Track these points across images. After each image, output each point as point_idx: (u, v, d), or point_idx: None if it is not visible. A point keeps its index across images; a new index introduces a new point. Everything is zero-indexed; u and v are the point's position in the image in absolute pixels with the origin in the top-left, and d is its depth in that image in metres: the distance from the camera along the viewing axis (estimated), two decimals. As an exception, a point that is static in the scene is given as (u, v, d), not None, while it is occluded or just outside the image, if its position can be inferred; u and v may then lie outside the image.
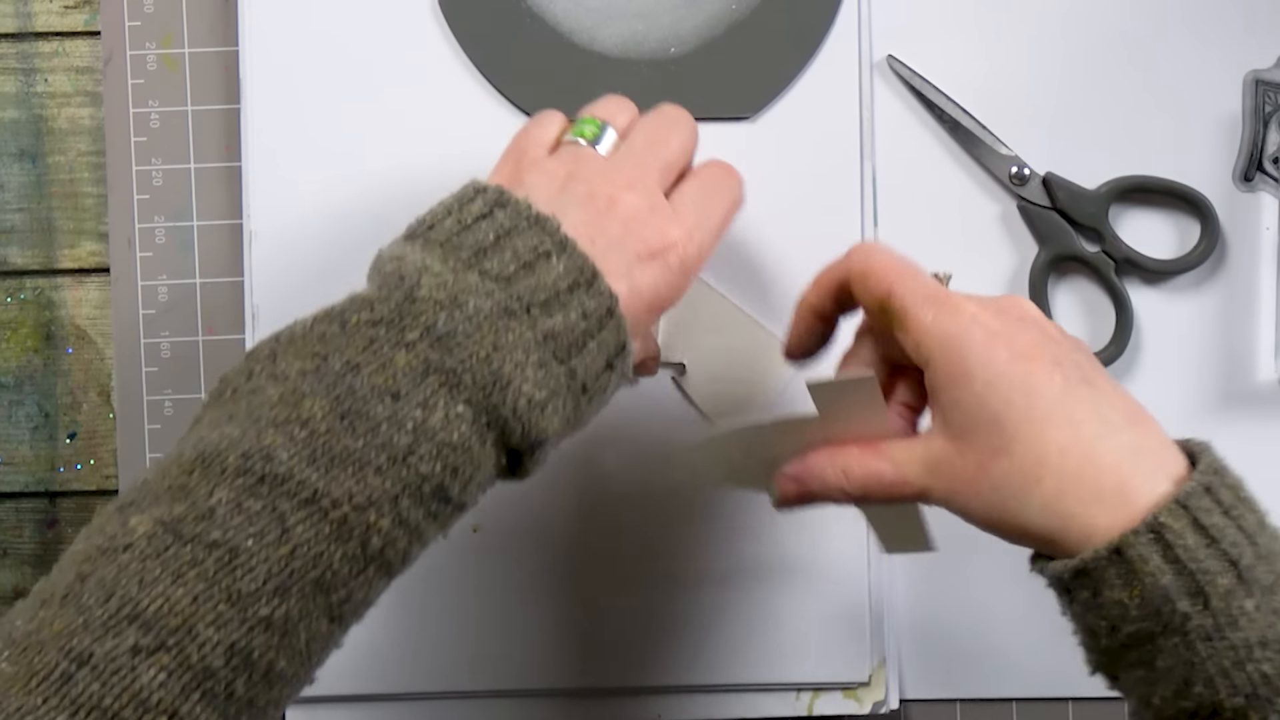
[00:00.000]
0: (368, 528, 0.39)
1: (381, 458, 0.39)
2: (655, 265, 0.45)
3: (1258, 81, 0.59)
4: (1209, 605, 0.41)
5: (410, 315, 0.41)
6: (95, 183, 0.61)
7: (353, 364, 0.40)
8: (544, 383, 0.41)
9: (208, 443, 0.39)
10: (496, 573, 0.58)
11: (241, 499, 0.38)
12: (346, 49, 0.59)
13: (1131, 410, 0.45)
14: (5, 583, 0.61)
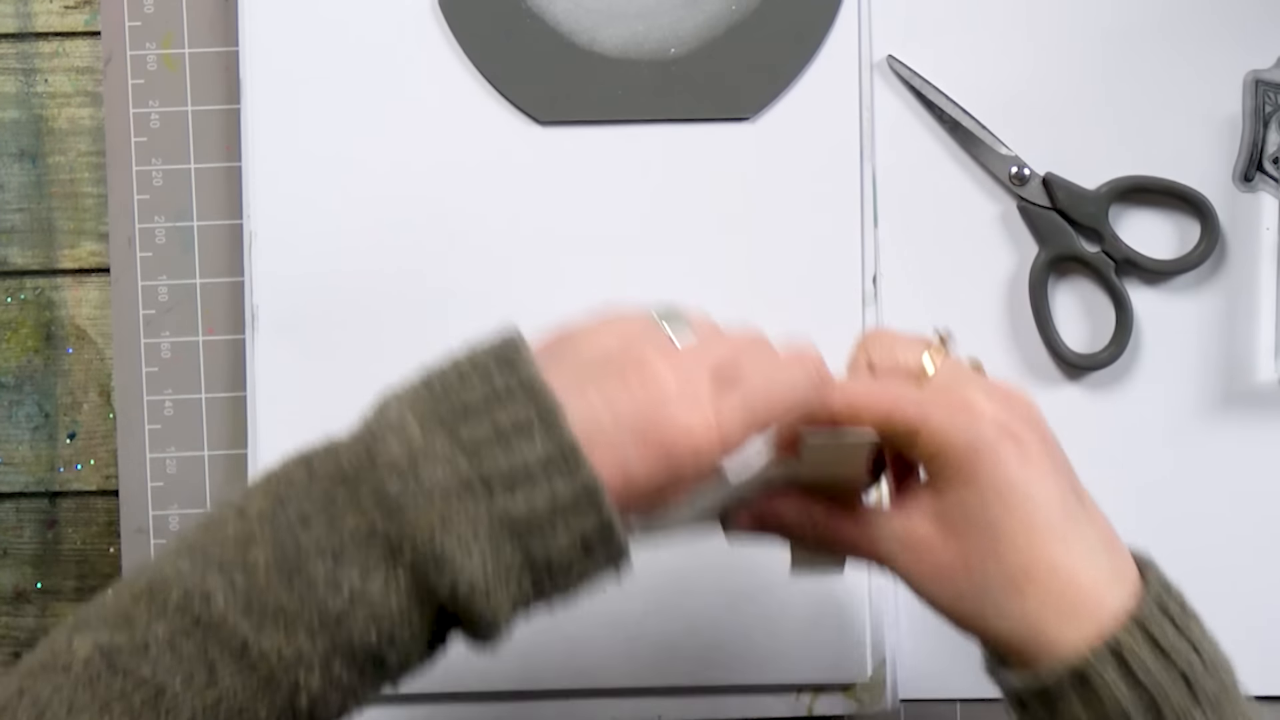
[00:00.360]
0: (296, 685, 0.38)
1: (314, 618, 0.38)
2: (659, 453, 0.41)
3: (1258, 81, 0.59)
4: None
5: (368, 477, 0.39)
6: (95, 183, 0.61)
7: (305, 517, 0.39)
8: (491, 565, 0.39)
9: (160, 572, 0.39)
10: (496, 573, 0.58)
11: (176, 638, 0.37)
12: (346, 49, 0.59)
13: (1107, 530, 0.46)
14: (5, 583, 0.61)
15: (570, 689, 0.59)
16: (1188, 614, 0.44)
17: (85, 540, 0.61)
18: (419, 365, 0.43)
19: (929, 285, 0.59)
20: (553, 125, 0.59)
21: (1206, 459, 0.59)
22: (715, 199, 0.59)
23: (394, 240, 0.59)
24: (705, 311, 0.45)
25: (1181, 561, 0.59)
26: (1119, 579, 0.44)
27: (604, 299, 0.59)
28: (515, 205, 0.59)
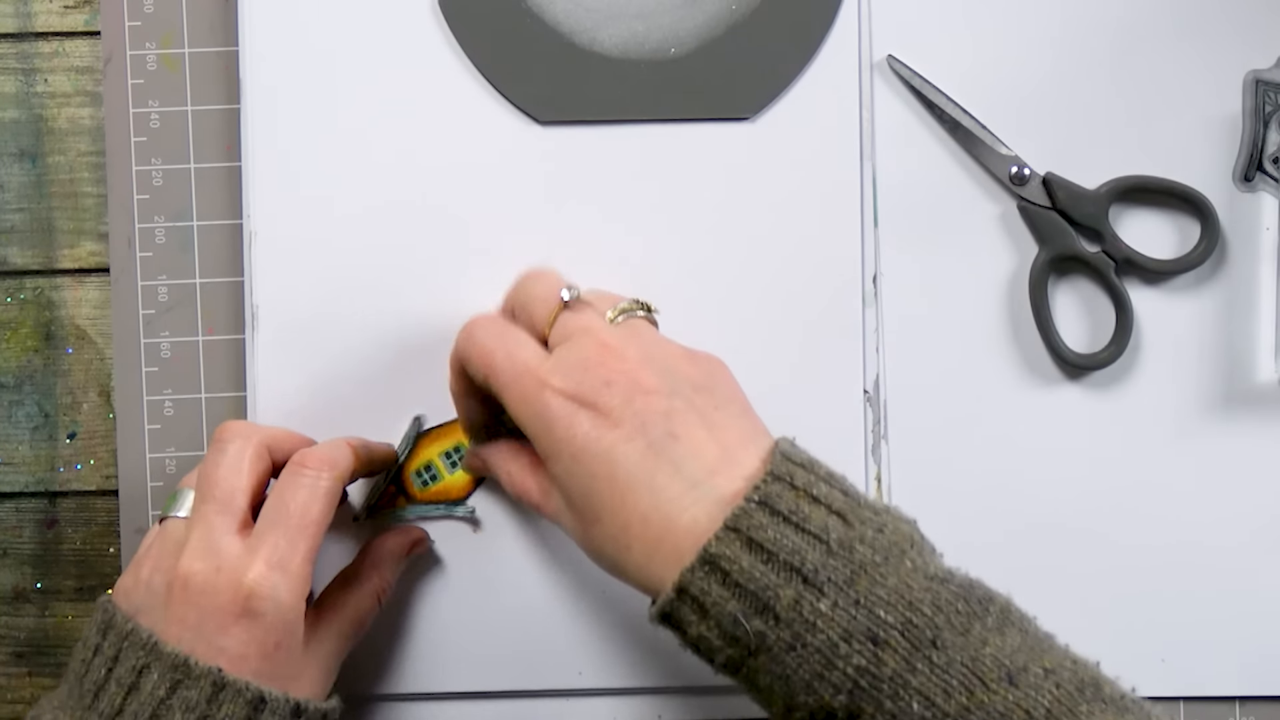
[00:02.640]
0: None
1: None
2: (244, 622, 0.47)
3: (1258, 81, 0.59)
4: (780, 618, 0.42)
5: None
6: (95, 183, 0.61)
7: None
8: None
9: None
10: (496, 573, 0.58)
11: None
12: (346, 48, 0.59)
13: (721, 448, 0.46)
14: (5, 583, 0.61)
15: (570, 689, 0.59)
16: (812, 498, 0.44)
17: (85, 540, 0.61)
18: (418, 362, 0.44)
19: (929, 285, 0.59)
20: (553, 125, 0.59)
21: (1206, 459, 0.59)
22: (715, 199, 0.59)
23: (394, 240, 0.59)
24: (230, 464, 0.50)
25: (1181, 561, 0.59)
26: (725, 502, 0.44)
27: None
28: (515, 205, 0.59)
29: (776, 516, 0.43)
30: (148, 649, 0.47)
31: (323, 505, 0.50)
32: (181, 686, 0.46)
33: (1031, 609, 0.54)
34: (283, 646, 0.48)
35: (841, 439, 0.58)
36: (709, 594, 0.42)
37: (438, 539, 0.58)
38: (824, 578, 0.42)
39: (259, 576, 0.48)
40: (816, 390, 0.58)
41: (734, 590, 0.42)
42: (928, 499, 0.59)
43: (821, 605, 0.41)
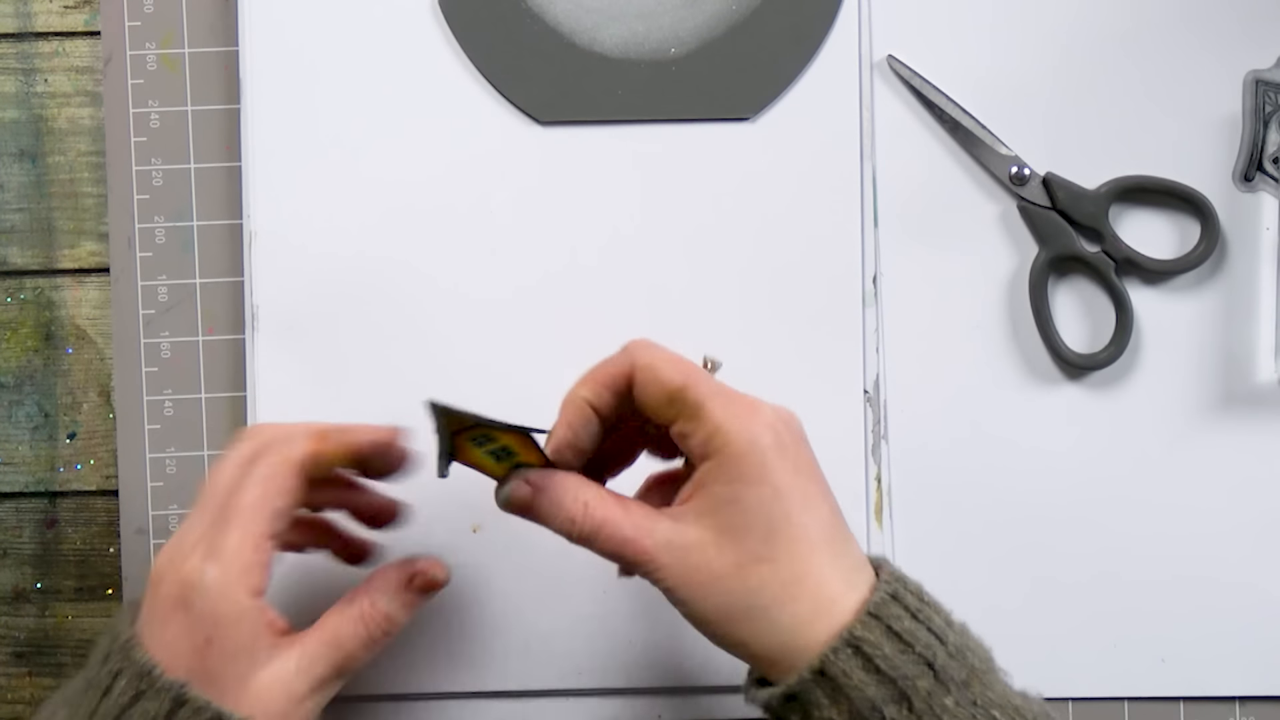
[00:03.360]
0: None
1: None
2: (179, 614, 0.45)
3: (1258, 81, 0.59)
4: (913, 708, 0.43)
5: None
6: (95, 183, 0.61)
7: None
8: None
9: None
10: (496, 573, 0.58)
11: None
12: (346, 49, 0.59)
13: (849, 535, 0.47)
14: (5, 583, 0.61)
15: (570, 689, 0.59)
16: (925, 603, 0.45)
17: (85, 540, 0.61)
18: (418, 362, 0.43)
19: (929, 285, 0.59)
20: (553, 125, 0.59)
21: (1206, 459, 0.59)
22: (715, 199, 0.59)
23: (394, 240, 0.59)
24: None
25: (1181, 560, 0.59)
26: (856, 580, 0.45)
27: (605, 297, 0.59)
28: (515, 205, 0.59)
29: (906, 612, 0.44)
30: (123, 654, 0.46)
31: (258, 491, 0.47)
32: (144, 698, 0.44)
33: (1032, 608, 0.54)
34: (214, 643, 0.45)
35: (841, 439, 0.58)
36: (850, 677, 0.43)
37: (438, 541, 0.58)
38: (948, 675, 0.43)
39: (192, 566, 0.45)
40: (816, 390, 0.58)
41: (876, 678, 0.43)
42: (928, 499, 0.59)
43: (947, 701, 0.43)
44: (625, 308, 0.59)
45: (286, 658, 0.46)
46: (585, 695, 0.59)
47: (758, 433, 0.45)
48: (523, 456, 0.48)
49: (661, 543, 0.45)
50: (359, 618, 0.48)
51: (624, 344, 0.48)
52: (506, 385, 0.58)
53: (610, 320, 0.59)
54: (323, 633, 0.48)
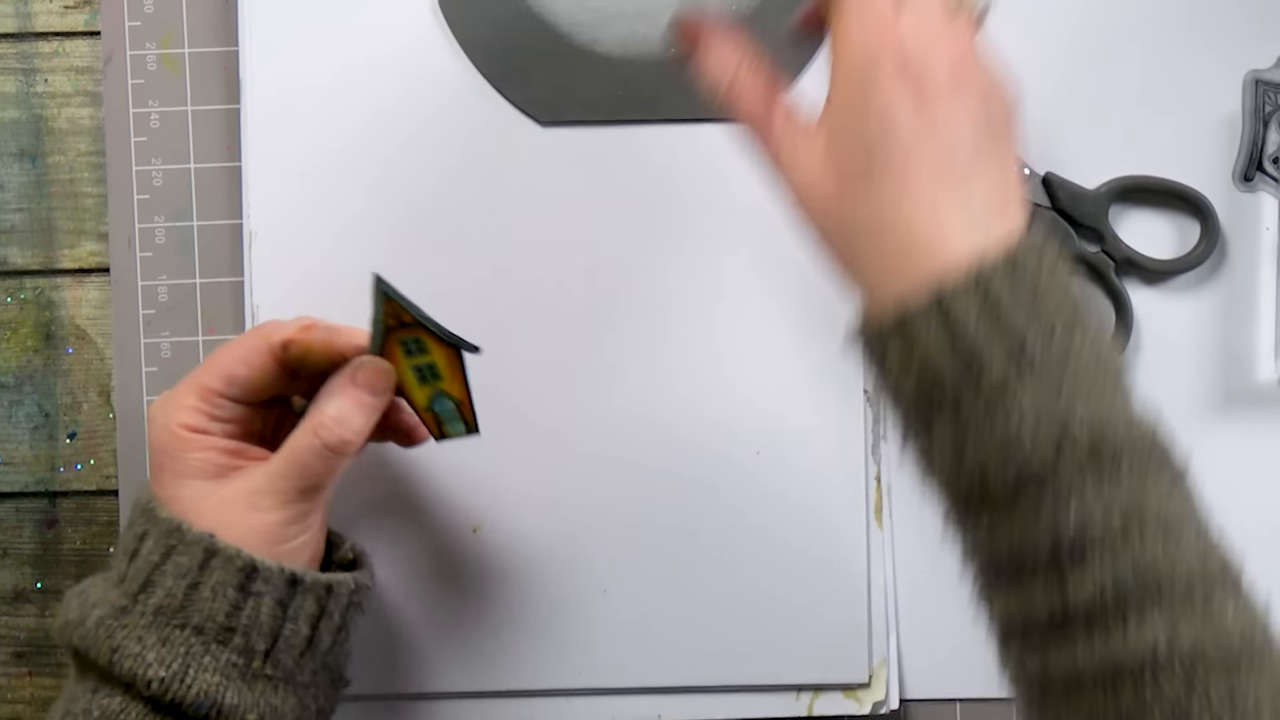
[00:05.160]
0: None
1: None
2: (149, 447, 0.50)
3: (1258, 81, 0.59)
4: (982, 384, 0.40)
5: (64, 646, 0.48)
6: (95, 183, 0.61)
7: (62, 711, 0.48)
8: (171, 656, 0.46)
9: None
10: (496, 573, 0.58)
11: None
12: (346, 49, 0.59)
13: (1002, 199, 0.43)
14: (5, 583, 0.61)
15: (570, 689, 0.59)
16: (1052, 286, 0.41)
17: (85, 540, 0.61)
18: None
19: (929, 285, 0.59)
20: (553, 126, 0.59)
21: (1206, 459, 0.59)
22: (717, 199, 0.59)
23: (394, 240, 0.59)
24: None
25: (1181, 561, 0.59)
26: (985, 232, 0.42)
27: (605, 297, 0.59)
28: (514, 206, 0.59)
29: (1018, 288, 0.41)
30: (148, 515, 0.48)
31: (222, 355, 0.50)
32: (175, 553, 0.47)
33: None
34: (165, 470, 0.49)
35: (841, 439, 0.58)
36: (927, 336, 0.41)
37: (438, 541, 0.58)
38: (1039, 363, 0.40)
39: (153, 404, 0.50)
40: (816, 390, 0.58)
41: (952, 346, 0.40)
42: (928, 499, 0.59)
43: (1026, 390, 0.40)
44: (625, 308, 0.59)
45: (249, 476, 0.49)
46: (585, 695, 0.59)
47: (877, 46, 0.43)
48: (447, 383, 0.50)
49: (791, 149, 0.45)
50: (310, 429, 0.49)
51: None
52: (507, 385, 0.58)
53: (610, 321, 0.59)
54: (281, 450, 0.49)
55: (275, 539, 0.48)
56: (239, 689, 0.46)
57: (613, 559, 0.58)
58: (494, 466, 0.58)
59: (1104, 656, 0.40)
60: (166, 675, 0.45)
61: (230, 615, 0.47)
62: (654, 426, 0.58)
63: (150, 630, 0.46)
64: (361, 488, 0.58)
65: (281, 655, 0.48)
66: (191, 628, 0.46)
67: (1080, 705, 0.41)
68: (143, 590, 0.47)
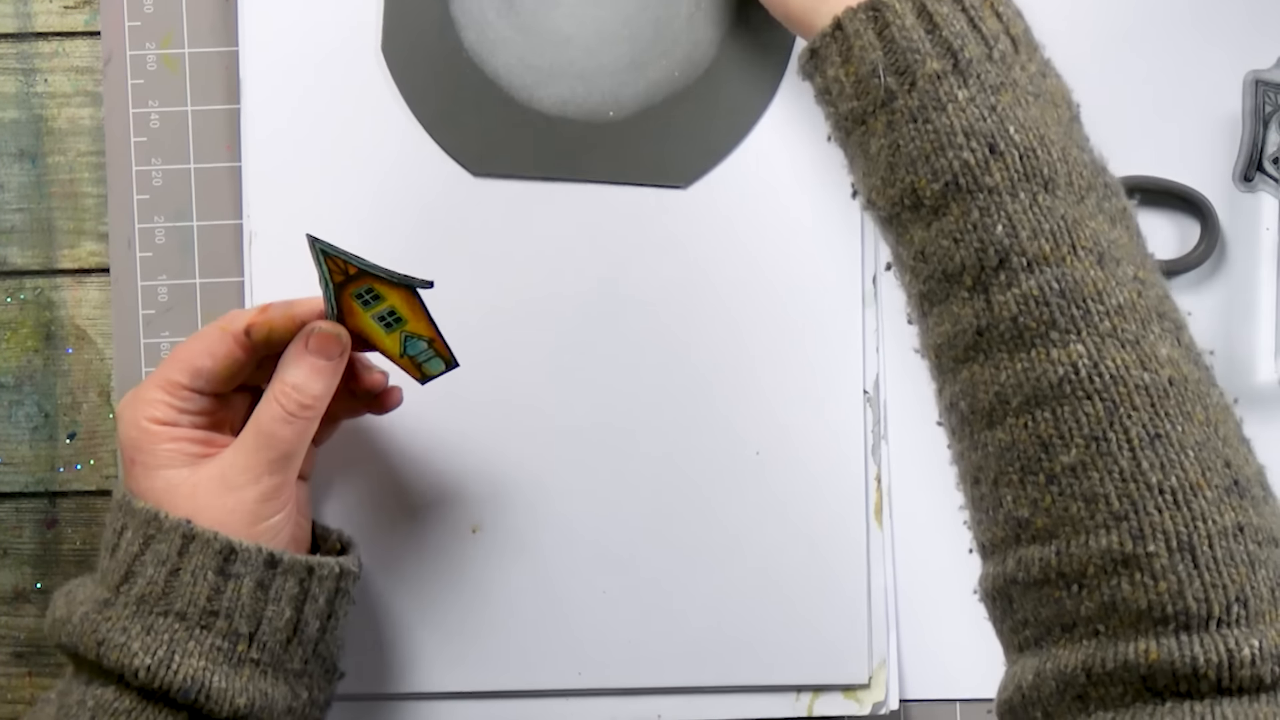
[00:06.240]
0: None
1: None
2: (132, 454, 0.50)
3: (1258, 81, 0.59)
4: (915, 85, 0.41)
5: (54, 645, 0.49)
6: (95, 183, 0.61)
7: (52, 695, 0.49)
8: (155, 644, 0.46)
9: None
10: (496, 573, 0.58)
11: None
12: (345, 49, 0.59)
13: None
14: (5, 583, 0.61)
15: (570, 689, 0.59)
16: (995, 10, 0.43)
17: (85, 540, 0.61)
18: None
19: (929, 285, 0.59)
20: (485, 177, 0.58)
21: (1206, 459, 0.59)
22: (722, 190, 0.59)
23: (394, 239, 0.59)
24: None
25: (1181, 561, 0.59)
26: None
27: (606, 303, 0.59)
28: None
29: (957, 3, 0.42)
30: (126, 509, 0.49)
31: (183, 349, 0.50)
32: (154, 542, 0.48)
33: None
34: (136, 464, 0.49)
35: (841, 439, 0.58)
36: (860, 37, 0.42)
37: (438, 541, 0.58)
38: (974, 72, 0.41)
39: (120, 402, 0.51)
40: (816, 390, 0.58)
41: (886, 43, 0.42)
42: (928, 499, 0.59)
43: (959, 93, 0.41)
44: (625, 310, 0.59)
45: (220, 458, 0.49)
46: (585, 695, 0.59)
47: None
48: (412, 324, 0.50)
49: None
50: (272, 398, 0.49)
51: None
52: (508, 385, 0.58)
53: (610, 323, 0.59)
54: (248, 425, 0.50)
55: (251, 518, 0.49)
56: (225, 673, 0.47)
57: (612, 559, 0.58)
58: (494, 466, 0.58)
59: (1026, 377, 0.39)
60: (152, 662, 0.46)
61: (211, 599, 0.47)
62: (653, 427, 0.58)
63: (134, 620, 0.47)
64: (361, 487, 0.58)
65: (267, 639, 0.48)
66: (174, 614, 0.47)
67: (1002, 435, 0.40)
68: (124, 581, 0.47)
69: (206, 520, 0.48)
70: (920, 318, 0.44)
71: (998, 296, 0.40)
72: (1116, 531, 0.38)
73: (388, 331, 0.50)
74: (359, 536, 0.57)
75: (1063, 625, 0.39)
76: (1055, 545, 0.39)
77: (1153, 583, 0.37)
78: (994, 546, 0.42)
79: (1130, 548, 0.37)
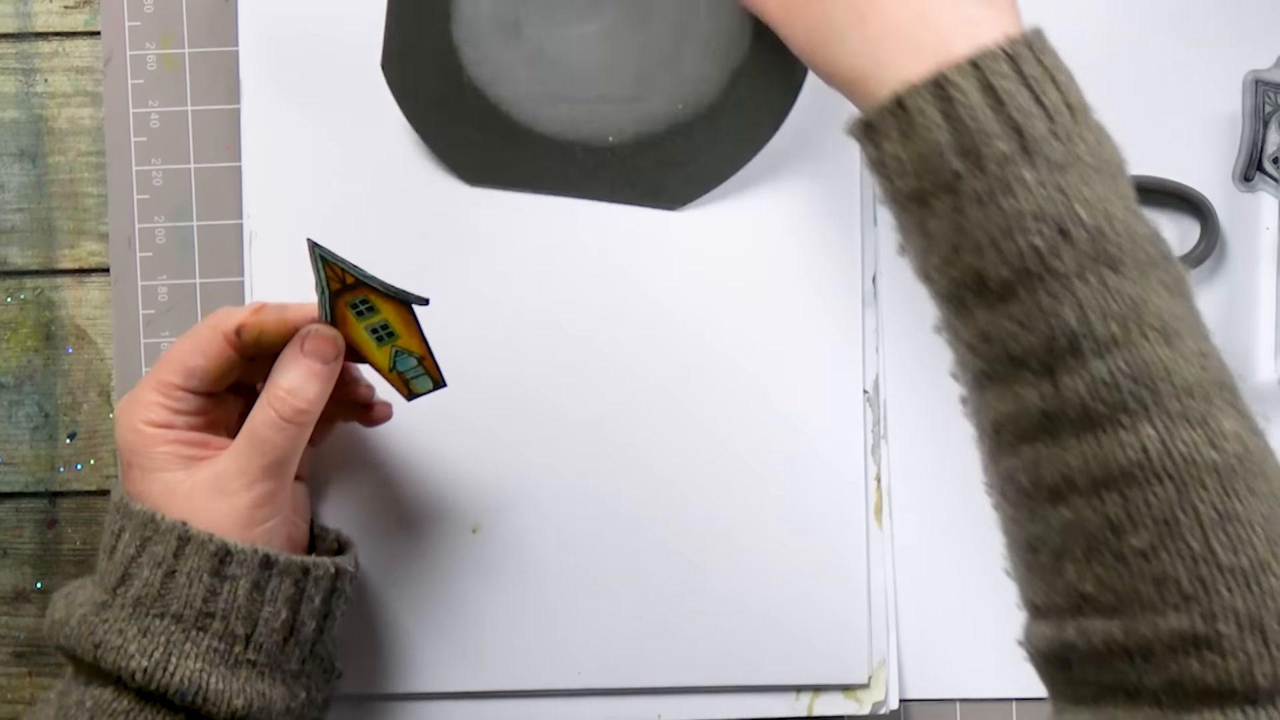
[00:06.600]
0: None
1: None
2: (128, 453, 0.51)
3: (1258, 81, 0.59)
4: (983, 168, 0.40)
5: (53, 646, 0.49)
6: (95, 183, 0.61)
7: (52, 695, 0.49)
8: (152, 646, 0.46)
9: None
10: (496, 573, 0.58)
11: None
12: (346, 49, 0.59)
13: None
14: (5, 583, 0.61)
15: (570, 689, 0.59)
16: (1056, 81, 0.42)
17: (85, 540, 0.61)
18: None
19: (929, 285, 0.59)
20: (482, 187, 0.58)
21: (1206, 459, 0.59)
22: (726, 190, 0.59)
23: (392, 239, 0.59)
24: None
25: (1181, 561, 0.59)
26: (980, 28, 0.42)
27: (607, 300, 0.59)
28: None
29: (1020, 77, 0.41)
30: (124, 511, 0.49)
31: (176, 348, 0.50)
32: (151, 544, 0.48)
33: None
34: (134, 468, 0.49)
35: (841, 439, 0.58)
36: (925, 116, 0.41)
37: (437, 541, 0.58)
38: (1040, 150, 0.40)
39: (117, 405, 0.51)
40: (816, 390, 0.58)
41: (951, 124, 0.40)
42: (928, 499, 0.59)
43: (1027, 174, 0.40)
44: (625, 309, 0.59)
45: (214, 461, 0.49)
46: (585, 695, 0.59)
47: None
48: (403, 339, 0.50)
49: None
50: (266, 403, 0.49)
51: None
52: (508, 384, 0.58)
53: (609, 322, 0.59)
54: (242, 430, 0.50)
55: (246, 522, 0.48)
56: (222, 675, 0.47)
57: (612, 559, 0.58)
58: (494, 466, 0.58)
59: (1095, 459, 0.39)
60: (149, 665, 0.46)
61: (207, 600, 0.47)
62: (653, 426, 0.58)
63: (130, 622, 0.47)
64: (361, 487, 0.58)
65: (263, 640, 0.48)
66: (170, 616, 0.47)
67: (1067, 514, 0.40)
68: (121, 583, 0.48)
69: (202, 523, 0.48)
70: (976, 391, 0.43)
71: (1066, 380, 0.39)
72: (1187, 613, 0.38)
73: (379, 345, 0.50)
74: (358, 536, 0.57)
75: (1125, 691, 0.39)
76: (1121, 621, 0.39)
77: (1221, 660, 0.37)
78: (1049, 610, 0.42)
79: (1200, 628, 0.37)
